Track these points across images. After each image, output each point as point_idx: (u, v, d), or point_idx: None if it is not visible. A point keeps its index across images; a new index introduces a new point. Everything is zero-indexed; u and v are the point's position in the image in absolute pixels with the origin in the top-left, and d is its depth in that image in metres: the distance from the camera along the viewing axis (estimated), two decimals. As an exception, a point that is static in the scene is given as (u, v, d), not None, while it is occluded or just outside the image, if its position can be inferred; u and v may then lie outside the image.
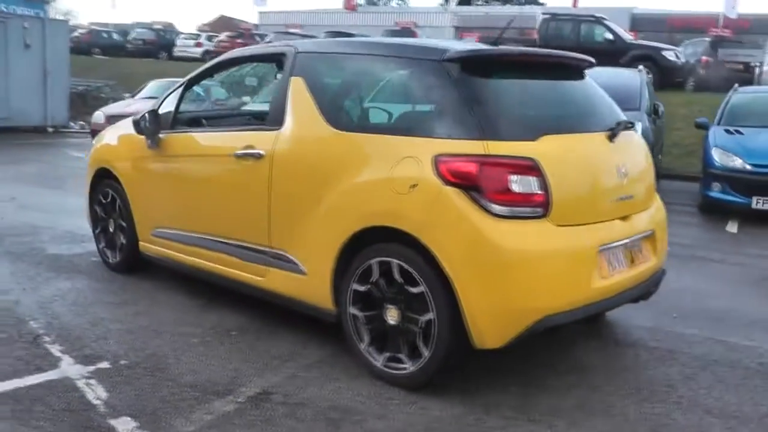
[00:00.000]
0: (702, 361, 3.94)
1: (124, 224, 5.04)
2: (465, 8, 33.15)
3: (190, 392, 3.33)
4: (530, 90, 3.56)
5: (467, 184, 3.15)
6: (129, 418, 3.06)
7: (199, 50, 26.71)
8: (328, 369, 3.62)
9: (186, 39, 27.98)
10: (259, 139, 3.96)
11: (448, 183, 3.17)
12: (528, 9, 31.86)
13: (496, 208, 3.12)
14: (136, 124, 4.57)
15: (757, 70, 15.71)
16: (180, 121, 4.73)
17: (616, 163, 3.63)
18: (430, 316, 3.23)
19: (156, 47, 26.97)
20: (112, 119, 12.38)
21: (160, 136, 4.60)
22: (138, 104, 13.07)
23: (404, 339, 3.38)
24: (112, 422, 3.03)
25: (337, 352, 3.78)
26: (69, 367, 3.58)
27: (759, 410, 3.36)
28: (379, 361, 3.45)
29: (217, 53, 25.91)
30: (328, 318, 3.74)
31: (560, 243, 3.23)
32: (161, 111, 4.70)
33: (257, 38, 26.83)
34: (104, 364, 3.62)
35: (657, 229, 3.90)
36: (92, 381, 3.43)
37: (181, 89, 4.70)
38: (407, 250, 3.30)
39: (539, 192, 3.17)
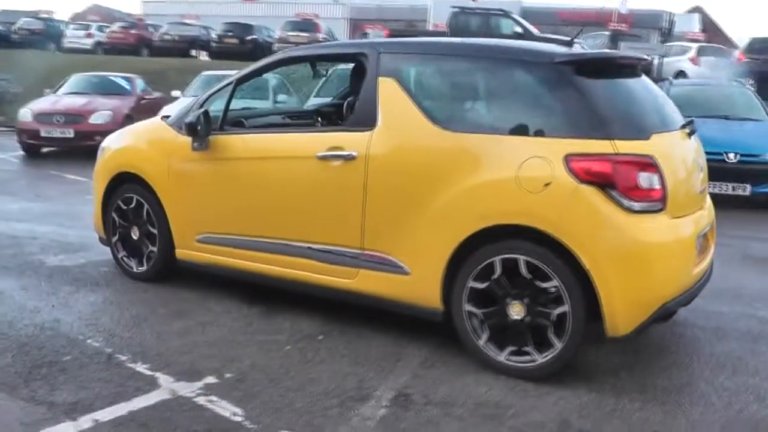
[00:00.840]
0: (750, 335, 4.32)
1: (154, 231, 4.76)
2: (358, 1, 33.24)
3: (327, 400, 3.24)
4: (632, 90, 3.73)
5: (602, 182, 3.27)
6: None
7: (90, 41, 25.02)
8: (442, 366, 3.62)
9: (76, 29, 26.04)
10: (347, 141, 3.88)
11: (582, 181, 3.29)
12: (420, 3, 32.49)
13: (629, 203, 3.27)
14: (191, 126, 4.32)
15: (655, 63, 16.95)
16: (230, 122, 4.53)
17: (695, 157, 3.89)
18: (565, 308, 3.33)
19: (44, 37, 24.99)
20: (41, 117, 11.51)
21: (210, 137, 4.39)
22: (66, 100, 12.20)
23: (530, 332, 3.47)
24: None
25: (438, 349, 3.80)
26: (173, 385, 3.37)
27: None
28: (501, 355, 3.51)
29: (111, 44, 24.57)
30: (433, 317, 3.74)
31: (676, 234, 3.43)
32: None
33: (150, 29, 25.59)
34: (210, 379, 3.43)
35: (713, 222, 4.21)
36: (213, 397, 3.25)
37: (230, 88, 4.49)
38: (535, 246, 3.39)
39: (658, 187, 3.35)
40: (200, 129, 4.31)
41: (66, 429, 2.96)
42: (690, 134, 3.92)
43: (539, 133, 3.45)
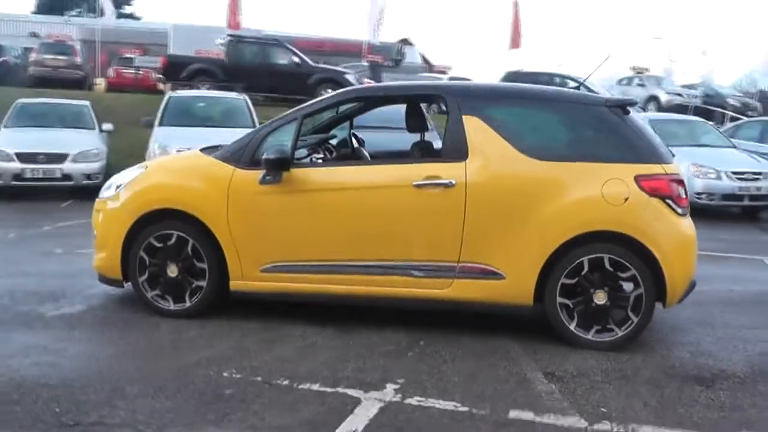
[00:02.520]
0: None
1: (203, 266, 4.79)
2: (90, 21, 31.02)
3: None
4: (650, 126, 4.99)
5: (663, 195, 4.45)
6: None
7: None
8: (551, 348, 4.44)
9: None
10: (443, 170, 4.52)
11: (650, 195, 4.43)
12: (159, 25, 31.48)
13: (678, 209, 4.50)
14: (279, 161, 4.53)
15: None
16: (298, 156, 4.82)
17: None
18: (640, 291, 4.42)
19: None
20: None
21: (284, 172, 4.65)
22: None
23: (612, 313, 4.49)
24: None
25: (523, 336, 4.63)
26: (370, 395, 3.69)
27: None
28: (588, 334, 4.48)
29: None
30: (522, 312, 4.59)
31: (694, 229, 4.75)
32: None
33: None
34: (390, 385, 3.83)
35: None
36: (417, 397, 3.68)
37: (295, 123, 4.77)
38: (616, 246, 4.44)
39: (685, 197, 4.63)
40: (286, 164, 4.56)
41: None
42: None
43: (611, 160, 4.52)
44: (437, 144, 5.46)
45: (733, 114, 21.96)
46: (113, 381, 3.74)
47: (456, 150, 4.57)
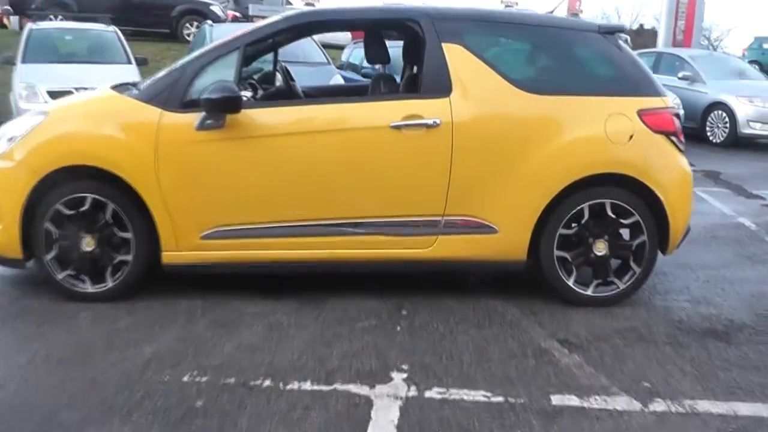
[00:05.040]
0: None
1: (127, 236, 3.82)
2: None
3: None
4: None
5: (668, 131, 3.97)
6: None
7: None
8: (547, 308, 3.94)
9: None
10: (425, 108, 3.78)
11: (655, 131, 3.93)
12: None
13: (680, 145, 4.05)
14: (229, 101, 3.58)
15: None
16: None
17: None
18: (643, 238, 3.96)
19: None
20: None
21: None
22: None
23: (611, 264, 4.02)
24: None
25: (509, 294, 4.09)
26: (379, 391, 3.01)
27: None
28: (588, 289, 4.00)
29: None
30: (514, 268, 4.03)
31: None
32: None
33: None
34: (399, 375, 3.16)
35: None
36: (438, 389, 3.04)
37: (236, 54, 3.81)
38: (618, 189, 3.93)
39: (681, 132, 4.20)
40: (236, 104, 3.63)
41: None
42: None
43: (611, 93, 3.96)
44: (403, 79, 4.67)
45: None
46: (42, 405, 2.80)
47: (436, 84, 3.83)
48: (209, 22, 12.43)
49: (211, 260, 3.89)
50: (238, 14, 20.03)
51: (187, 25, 17.94)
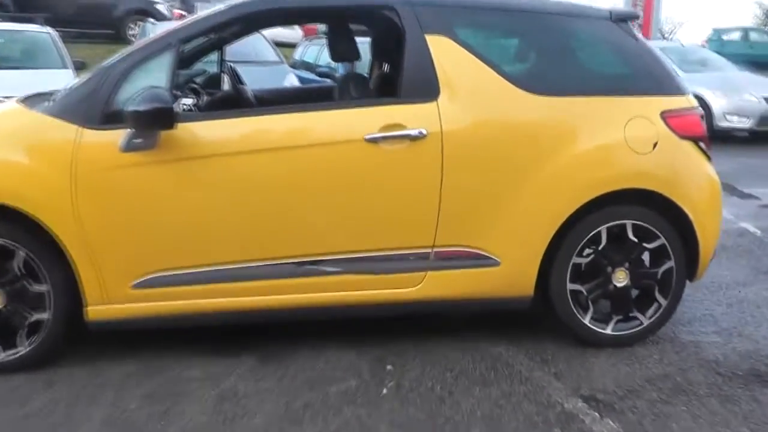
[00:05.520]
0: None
1: (42, 289, 3.02)
2: None
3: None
4: None
5: (695, 136, 3.33)
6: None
7: None
8: (559, 352, 3.27)
9: None
10: (407, 115, 3.06)
11: (682, 137, 3.28)
12: None
13: (707, 152, 3.41)
14: (150, 116, 2.80)
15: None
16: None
17: None
18: (670, 264, 3.32)
19: None
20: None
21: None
22: None
23: (633, 296, 3.37)
24: None
25: (509, 334, 3.41)
26: None
27: None
28: (607, 328, 3.34)
29: None
30: (519, 305, 3.34)
31: None
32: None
33: None
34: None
35: None
36: None
37: (169, 54, 3.04)
38: (640, 208, 3.28)
39: None
40: (168, 117, 2.86)
41: None
42: None
43: (629, 92, 3.30)
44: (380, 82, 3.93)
45: None
46: None
47: (420, 85, 3.12)
48: (151, 20, 11.54)
49: (146, 314, 3.10)
50: (184, 13, 19.05)
51: (131, 25, 16.93)
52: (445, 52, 3.14)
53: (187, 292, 3.09)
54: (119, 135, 2.93)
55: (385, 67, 4.28)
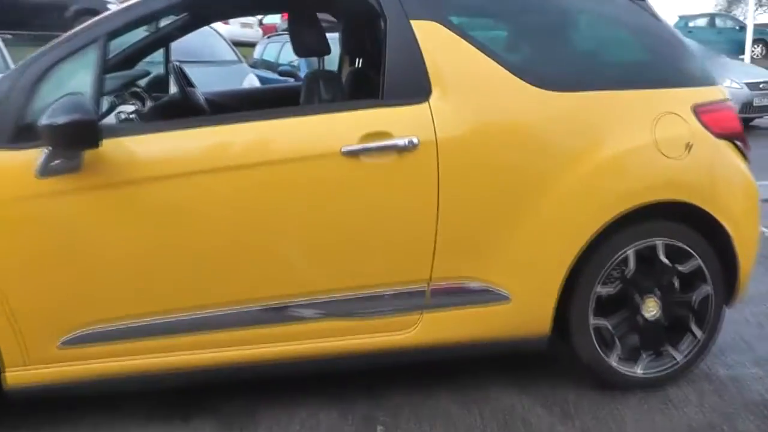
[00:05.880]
0: None
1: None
2: None
3: None
4: None
5: (732, 134, 2.82)
6: None
7: None
8: (581, 398, 2.73)
9: None
10: (393, 121, 2.48)
11: (718, 136, 2.76)
12: None
13: (746, 153, 2.90)
14: (67, 132, 2.18)
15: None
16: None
17: None
18: (707, 290, 2.80)
19: None
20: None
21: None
22: None
23: (665, 330, 2.84)
24: None
25: (519, 378, 2.86)
26: None
27: None
28: (637, 368, 2.80)
29: None
30: (533, 347, 2.78)
31: None
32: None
33: None
34: None
35: None
36: None
37: (94, 52, 2.41)
38: (673, 224, 2.75)
39: None
40: (92, 132, 2.24)
41: None
42: None
43: (656, 84, 2.76)
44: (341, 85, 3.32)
45: None
46: None
47: (407, 83, 2.54)
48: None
49: (78, 377, 2.48)
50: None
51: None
52: (436, 42, 2.55)
53: (128, 348, 2.48)
54: (34, 156, 2.31)
55: (358, 62, 3.71)
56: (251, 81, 8.52)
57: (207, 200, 2.42)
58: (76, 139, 2.24)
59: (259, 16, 19.97)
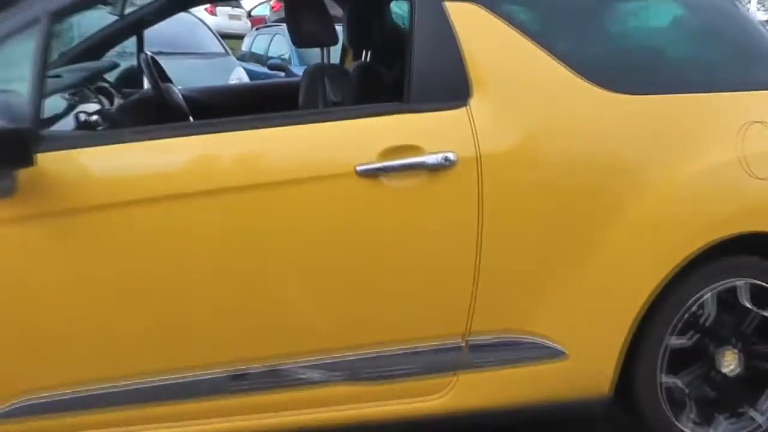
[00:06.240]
0: None
1: None
2: None
3: None
4: None
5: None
6: None
7: None
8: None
9: None
10: (422, 131, 1.94)
11: (813, 150, 2.25)
12: None
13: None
14: (5, 142, 1.63)
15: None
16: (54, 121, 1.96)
17: None
18: (797, 339, 2.30)
19: None
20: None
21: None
22: None
23: (746, 386, 2.34)
24: None
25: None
26: None
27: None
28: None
29: None
30: (591, 410, 2.27)
31: None
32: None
33: None
34: None
35: None
36: None
37: (35, 37, 1.85)
38: (758, 260, 2.24)
39: None
40: (24, 147, 1.68)
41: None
42: None
43: (740, 86, 2.24)
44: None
45: None
46: None
47: (440, 82, 2.00)
48: None
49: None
50: None
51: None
52: (477, 30, 2.02)
53: (83, 423, 1.94)
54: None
55: (365, 56, 3.16)
56: (239, 75, 7.96)
57: (183, 233, 1.87)
58: (5, 155, 1.68)
59: (248, 8, 19.41)
